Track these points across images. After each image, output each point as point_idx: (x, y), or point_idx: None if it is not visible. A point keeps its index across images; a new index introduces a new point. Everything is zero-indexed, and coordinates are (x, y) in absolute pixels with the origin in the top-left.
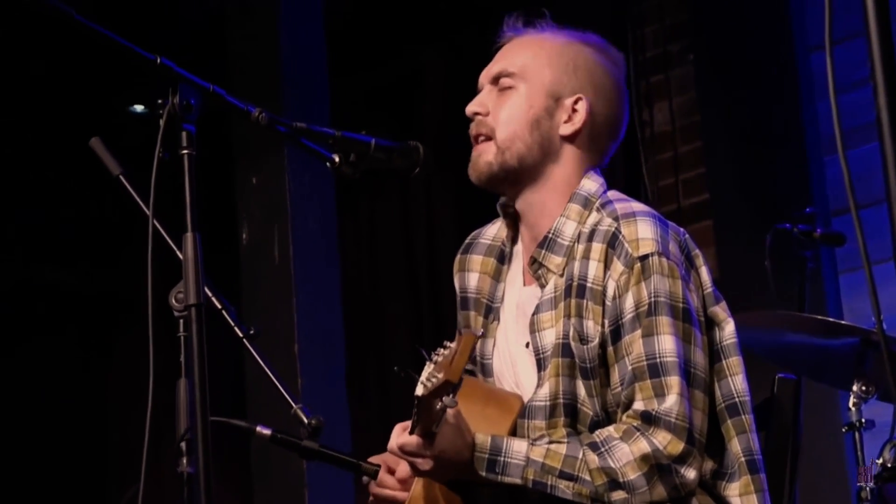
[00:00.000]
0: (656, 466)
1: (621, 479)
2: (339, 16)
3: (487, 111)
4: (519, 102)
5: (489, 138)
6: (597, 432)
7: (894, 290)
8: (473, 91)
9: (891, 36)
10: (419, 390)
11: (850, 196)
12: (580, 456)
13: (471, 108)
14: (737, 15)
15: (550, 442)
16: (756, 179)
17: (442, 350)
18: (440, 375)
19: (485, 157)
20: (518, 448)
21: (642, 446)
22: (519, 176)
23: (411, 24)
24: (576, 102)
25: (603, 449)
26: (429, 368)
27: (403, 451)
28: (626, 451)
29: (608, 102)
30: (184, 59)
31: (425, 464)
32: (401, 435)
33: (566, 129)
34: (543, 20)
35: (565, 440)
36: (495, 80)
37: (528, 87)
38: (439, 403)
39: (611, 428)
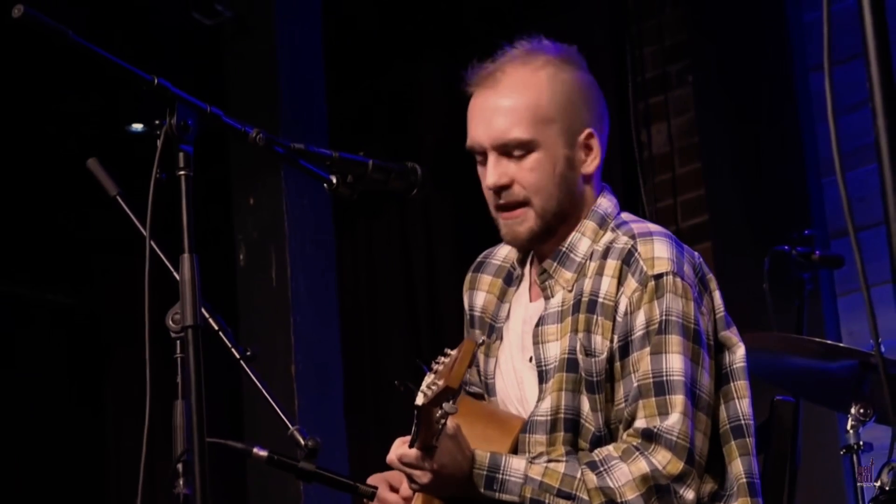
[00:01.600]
0: (655, 487)
1: (619, 500)
2: (335, 30)
3: (512, 180)
4: (544, 165)
5: (524, 204)
6: (596, 451)
7: (893, 313)
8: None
9: (889, 58)
10: (419, 399)
11: (849, 218)
12: (578, 475)
13: (494, 182)
14: (736, 36)
15: (549, 460)
16: (755, 201)
17: (442, 358)
18: (440, 383)
19: (527, 224)
20: (516, 466)
21: (641, 466)
22: (557, 227)
23: (408, 38)
24: (588, 138)
25: (602, 468)
26: (429, 378)
27: (402, 463)
28: (625, 471)
29: (605, 120)
30: (181, 79)
31: (424, 476)
32: (400, 447)
33: (589, 168)
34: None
35: (564, 458)
36: (505, 150)
37: (545, 149)
38: (439, 411)
39: (610, 447)
